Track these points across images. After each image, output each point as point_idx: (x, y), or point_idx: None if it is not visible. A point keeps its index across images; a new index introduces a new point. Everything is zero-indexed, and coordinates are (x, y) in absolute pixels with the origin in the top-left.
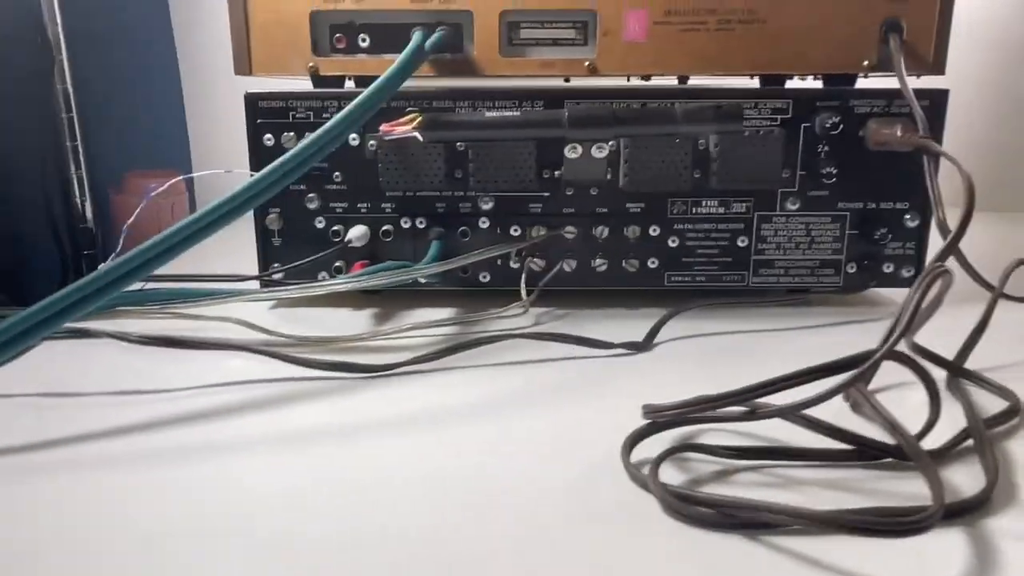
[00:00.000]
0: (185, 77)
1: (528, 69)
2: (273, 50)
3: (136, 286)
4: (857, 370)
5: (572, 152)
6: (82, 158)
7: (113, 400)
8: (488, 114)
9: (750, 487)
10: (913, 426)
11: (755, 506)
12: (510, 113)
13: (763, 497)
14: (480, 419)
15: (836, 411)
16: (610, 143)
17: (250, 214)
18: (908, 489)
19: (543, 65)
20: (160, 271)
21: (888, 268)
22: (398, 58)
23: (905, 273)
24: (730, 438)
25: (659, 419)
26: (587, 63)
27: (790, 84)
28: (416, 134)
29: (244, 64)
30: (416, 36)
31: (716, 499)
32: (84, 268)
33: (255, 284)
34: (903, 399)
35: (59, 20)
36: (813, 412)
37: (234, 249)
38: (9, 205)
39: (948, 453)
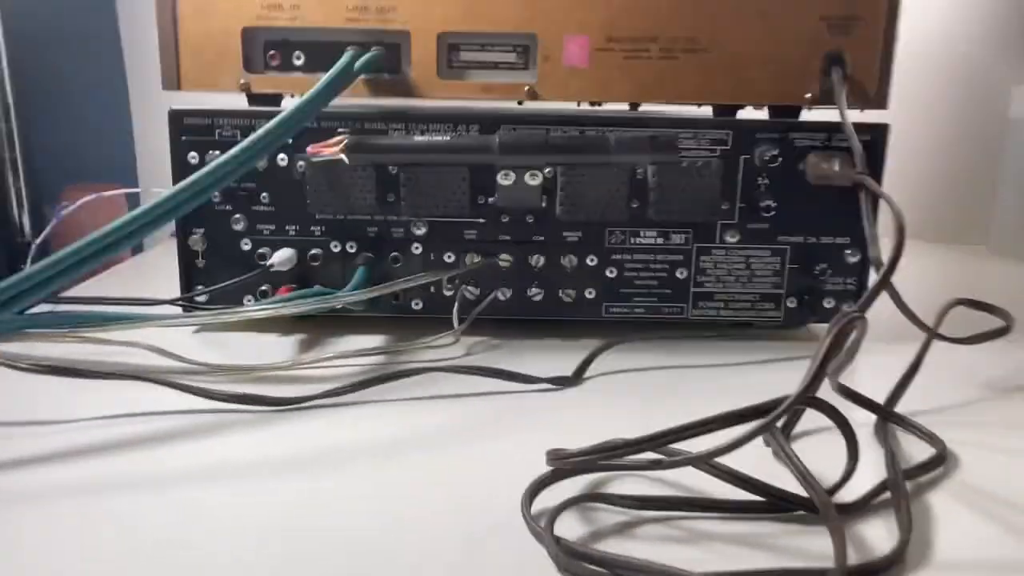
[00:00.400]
0: (134, 90)
1: (467, 93)
2: (203, 66)
3: (46, 308)
4: (764, 420)
5: (505, 179)
6: (21, 170)
7: None
8: (417, 138)
9: (653, 541)
10: (838, 475)
11: (645, 567)
12: (440, 137)
13: (666, 552)
14: (384, 460)
15: (758, 458)
16: (545, 170)
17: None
18: (817, 546)
19: (483, 89)
20: (72, 293)
21: (829, 303)
22: (323, 77)
23: (846, 309)
24: (641, 486)
25: (563, 466)
26: (527, 88)
27: (742, 114)
28: (343, 156)
29: (172, 79)
30: (346, 55)
31: (609, 557)
32: None
33: (175, 308)
34: (833, 444)
35: None
36: (732, 460)
37: (162, 271)
38: None
39: (865, 506)
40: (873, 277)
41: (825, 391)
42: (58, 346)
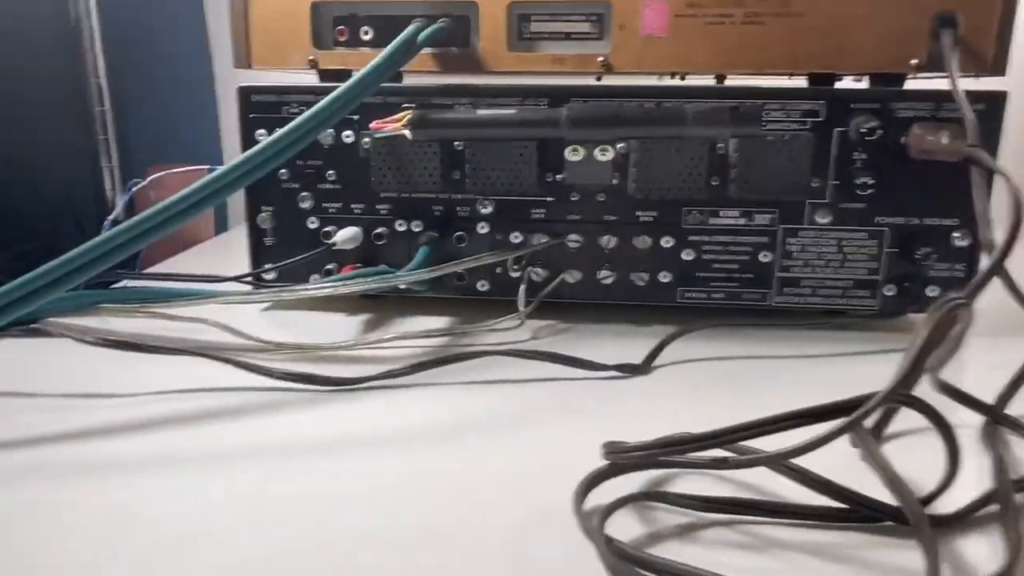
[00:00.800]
0: (219, 71)
1: (538, 65)
2: (273, 43)
3: (119, 284)
4: (850, 418)
5: (574, 154)
6: (113, 151)
7: (61, 403)
8: (481, 112)
9: (716, 547)
10: (935, 483)
11: None
12: (505, 111)
13: (729, 559)
14: (433, 446)
15: (842, 461)
16: (618, 145)
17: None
18: (906, 562)
19: (554, 61)
20: (157, 269)
21: (933, 292)
22: (385, 49)
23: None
24: (706, 486)
25: (621, 460)
26: (601, 59)
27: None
28: (405, 131)
29: (243, 57)
30: (410, 27)
31: (663, 563)
32: None
33: (243, 285)
34: (931, 448)
35: (94, 15)
36: (810, 462)
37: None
38: (38, 198)
39: (965, 520)
40: (985, 263)
41: (925, 389)
42: (131, 321)
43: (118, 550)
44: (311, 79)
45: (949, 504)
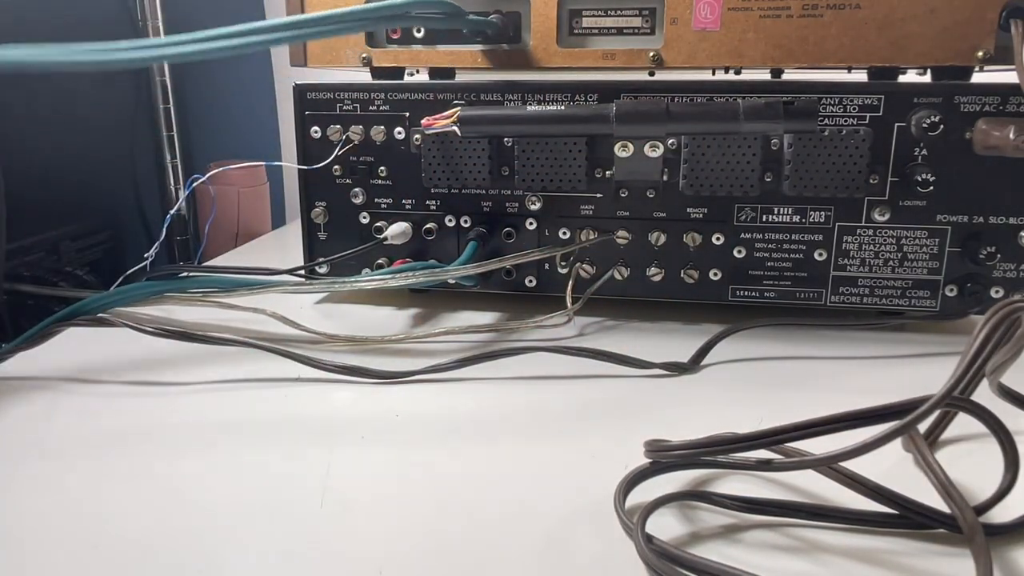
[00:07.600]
0: (277, 69)
1: (588, 61)
2: (327, 41)
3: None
4: (902, 421)
5: (623, 151)
6: (177, 148)
7: (119, 390)
8: (530, 108)
9: (758, 549)
10: (991, 491)
11: None
12: (554, 108)
13: (772, 562)
14: (477, 440)
15: (894, 466)
16: (668, 142)
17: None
18: (958, 571)
19: (604, 56)
20: (217, 262)
21: (996, 293)
22: None
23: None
24: (751, 487)
25: (663, 459)
26: (652, 54)
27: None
28: (455, 127)
29: (299, 55)
30: None
31: (703, 563)
32: (177, 254)
33: (298, 278)
34: (988, 455)
35: (159, 14)
36: (860, 466)
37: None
38: (107, 192)
39: (1022, 530)
40: None
41: (983, 393)
42: (194, 310)
43: (175, 523)
44: (364, 76)
45: (1005, 513)
